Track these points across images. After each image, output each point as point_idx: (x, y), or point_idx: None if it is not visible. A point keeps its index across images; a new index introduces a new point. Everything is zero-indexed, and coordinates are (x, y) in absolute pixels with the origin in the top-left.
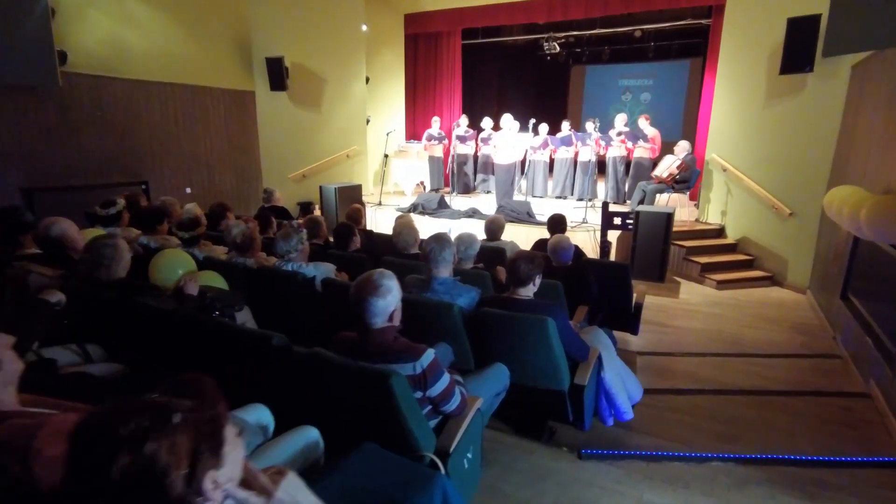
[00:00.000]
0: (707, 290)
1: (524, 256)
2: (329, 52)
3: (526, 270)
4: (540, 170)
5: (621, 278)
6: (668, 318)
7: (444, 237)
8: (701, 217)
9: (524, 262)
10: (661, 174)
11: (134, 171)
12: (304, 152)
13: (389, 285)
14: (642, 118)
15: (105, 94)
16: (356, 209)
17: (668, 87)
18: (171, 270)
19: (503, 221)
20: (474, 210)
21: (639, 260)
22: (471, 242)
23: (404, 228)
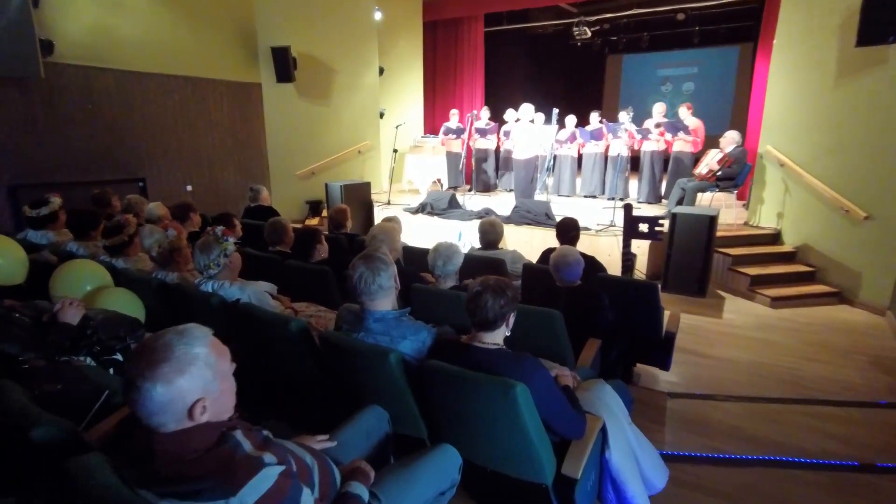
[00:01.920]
0: (758, 309)
1: (492, 286)
2: (339, 41)
3: (493, 307)
4: (567, 166)
5: (648, 301)
6: (708, 344)
7: (376, 258)
8: (751, 220)
9: (492, 295)
10: (703, 170)
11: (129, 167)
12: (312, 148)
13: (188, 356)
14: (683, 107)
15: (95, 86)
16: (340, 210)
17: (714, 75)
18: (75, 286)
19: (501, 226)
20: (487, 210)
21: (674, 271)
22: (449, 255)
23: (379, 234)
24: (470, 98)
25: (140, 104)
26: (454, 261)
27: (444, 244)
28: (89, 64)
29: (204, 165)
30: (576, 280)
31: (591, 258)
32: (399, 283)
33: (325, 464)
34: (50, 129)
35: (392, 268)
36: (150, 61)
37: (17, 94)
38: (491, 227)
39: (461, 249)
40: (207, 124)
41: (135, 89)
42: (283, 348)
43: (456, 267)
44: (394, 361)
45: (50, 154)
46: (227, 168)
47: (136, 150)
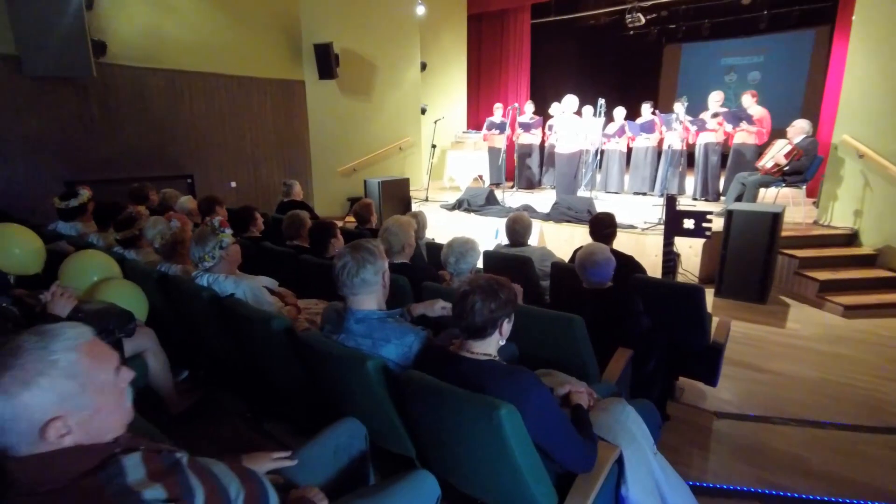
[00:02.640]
0: (828, 318)
1: (482, 286)
2: (381, 36)
3: (482, 311)
4: (615, 161)
5: (692, 307)
6: (767, 357)
7: (364, 247)
8: (822, 218)
9: (481, 297)
10: (767, 164)
11: (177, 164)
12: (354, 144)
13: (41, 364)
14: (747, 94)
15: (146, 86)
16: (364, 205)
17: (784, 63)
18: (82, 276)
19: (528, 220)
20: (526, 207)
21: (730, 273)
22: (463, 252)
23: (392, 226)
24: (515, 92)
25: (188, 103)
26: (468, 258)
27: (460, 239)
28: (140, 64)
29: (248, 162)
30: (605, 282)
31: (628, 258)
32: (388, 281)
33: (258, 491)
34: (104, 128)
35: (381, 263)
36: (198, 61)
37: (72, 94)
38: (517, 223)
39: (478, 246)
40: (252, 122)
41: (183, 88)
42: (269, 349)
43: (471, 265)
44: (372, 369)
45: (104, 151)
46: (271, 165)
47: (184, 148)
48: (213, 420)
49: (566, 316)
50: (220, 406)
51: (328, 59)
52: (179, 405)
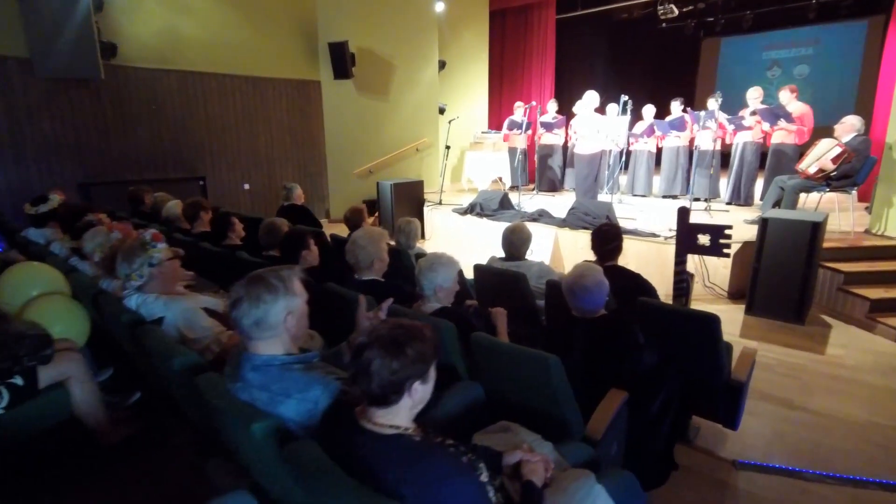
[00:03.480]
0: (879, 344)
1: (383, 337)
2: (398, 34)
3: (380, 372)
4: (643, 162)
5: (706, 339)
6: (803, 391)
7: (263, 280)
8: (875, 227)
9: (380, 352)
10: (810, 169)
11: (190, 165)
12: (370, 145)
13: None
14: (786, 90)
15: (160, 87)
16: (355, 211)
17: (833, 56)
18: (20, 290)
19: (526, 232)
20: (542, 212)
21: (764, 288)
22: (433, 267)
23: (359, 239)
24: (539, 90)
25: (202, 104)
26: (440, 274)
27: (432, 254)
28: (154, 66)
29: (262, 164)
30: (597, 309)
31: (635, 277)
32: (304, 321)
33: None
34: (118, 129)
35: (287, 300)
36: (213, 62)
37: (85, 96)
38: (513, 234)
39: (453, 263)
40: (266, 123)
41: (197, 89)
42: (175, 388)
43: (445, 283)
44: (259, 434)
45: (118, 153)
46: (286, 167)
47: (198, 149)
48: (153, 455)
49: (540, 356)
50: (165, 438)
51: (343, 58)
52: (113, 436)
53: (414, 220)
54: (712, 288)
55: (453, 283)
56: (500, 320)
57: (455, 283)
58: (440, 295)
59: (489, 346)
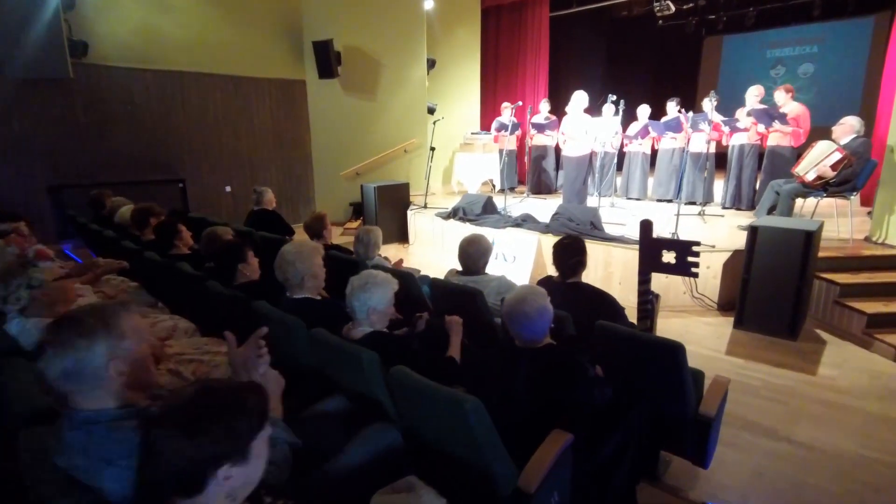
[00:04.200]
0: (876, 363)
1: (178, 411)
2: (386, 32)
3: (173, 458)
4: (637, 164)
5: (668, 369)
6: (789, 418)
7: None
8: (876, 235)
9: (172, 431)
10: (809, 175)
11: (169, 168)
12: (357, 147)
13: None
14: (781, 90)
15: (136, 87)
16: (316, 218)
17: (839, 54)
18: None
19: (485, 244)
20: (526, 217)
21: (754, 301)
22: (365, 286)
23: (288, 253)
24: (533, 91)
25: (181, 104)
26: (374, 295)
27: (366, 273)
28: (130, 65)
29: (245, 166)
30: (540, 338)
31: (600, 296)
32: (123, 367)
33: None
34: (92, 130)
35: (109, 342)
36: (192, 60)
37: (57, 96)
38: (470, 245)
39: (388, 282)
40: (249, 124)
41: (175, 89)
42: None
43: (379, 304)
44: None
45: (92, 154)
46: (269, 169)
47: (177, 151)
48: None
49: (455, 398)
50: None
51: (328, 57)
52: None
53: (375, 228)
54: (701, 299)
55: (388, 306)
56: (455, 331)
57: (390, 306)
58: (373, 318)
59: (404, 382)
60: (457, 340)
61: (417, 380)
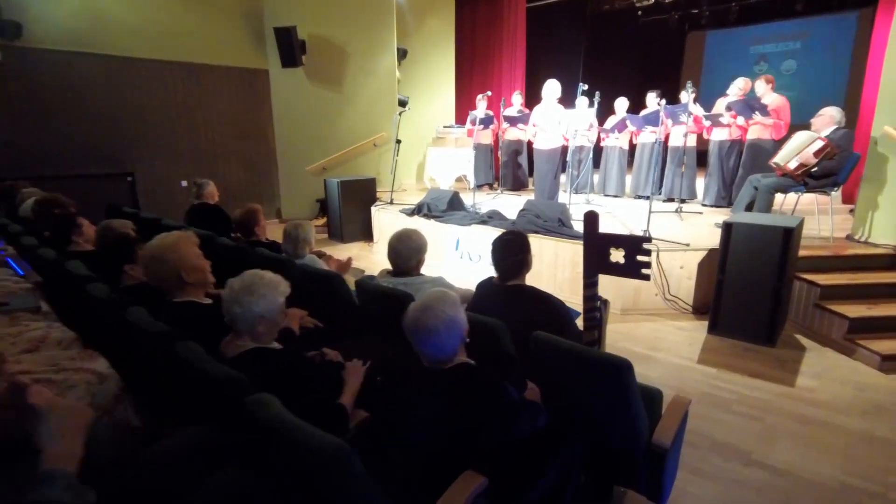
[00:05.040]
0: (859, 373)
1: None
2: (352, 20)
3: None
4: (615, 160)
5: (614, 391)
6: (764, 438)
7: None
8: (858, 233)
9: None
10: (790, 164)
11: (117, 161)
12: (324, 140)
13: None
14: (761, 80)
15: (79, 73)
16: (248, 212)
17: (823, 50)
18: None
19: (417, 241)
20: (493, 214)
21: (729, 304)
22: (252, 288)
23: (153, 250)
24: (510, 83)
25: (130, 93)
26: (263, 300)
27: (250, 273)
28: (72, 49)
29: (203, 159)
30: (448, 357)
31: (544, 300)
32: None
33: None
34: (29, 119)
35: None
36: (142, 46)
37: None
38: (400, 242)
39: (275, 285)
40: (207, 114)
41: (123, 76)
42: None
43: (268, 312)
44: None
45: (28, 145)
46: (230, 162)
47: (127, 143)
48: None
49: (320, 441)
50: None
51: (291, 44)
52: None
53: (305, 223)
54: (674, 301)
55: (278, 313)
56: (353, 379)
57: (280, 313)
58: (260, 329)
59: (259, 415)
60: (353, 390)
61: (276, 415)
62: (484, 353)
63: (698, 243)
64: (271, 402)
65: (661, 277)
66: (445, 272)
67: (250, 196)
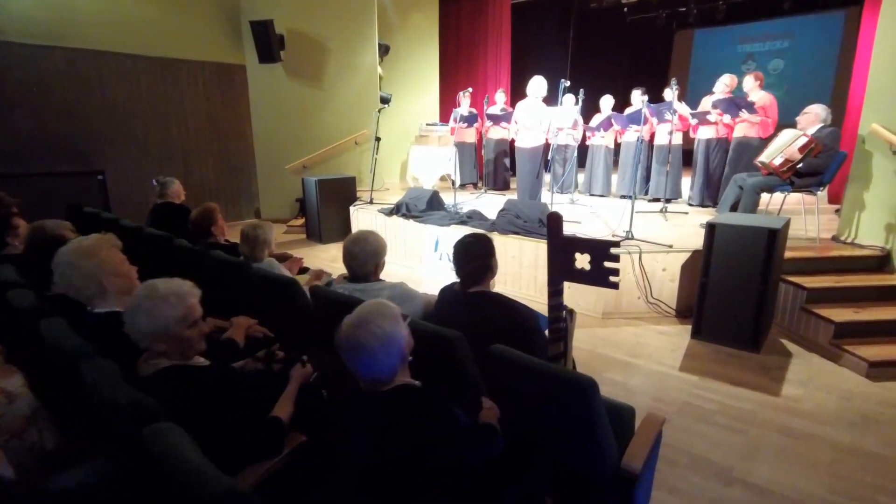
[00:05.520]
0: (846, 379)
1: None
2: (332, 14)
3: None
4: (601, 158)
5: (578, 411)
6: (747, 453)
7: None
8: (844, 234)
9: None
10: (775, 160)
11: (85, 158)
12: (304, 138)
13: None
14: (750, 76)
15: (44, 66)
16: (205, 211)
17: (810, 49)
18: None
19: (374, 243)
20: (473, 214)
21: (712, 308)
22: (151, 298)
23: (67, 256)
24: (495, 81)
25: (99, 87)
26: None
27: (148, 283)
28: (35, 42)
29: (177, 157)
30: (386, 377)
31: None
32: None
33: None
34: None
35: None
36: (112, 39)
37: None
38: (356, 245)
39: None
40: (180, 111)
41: (92, 71)
42: None
43: (160, 328)
44: None
45: None
46: (206, 161)
47: (95, 140)
48: None
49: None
50: None
51: (268, 39)
52: None
53: (264, 224)
54: (656, 304)
55: (181, 327)
56: (293, 383)
57: (185, 326)
58: (160, 346)
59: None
60: (293, 390)
61: (170, 450)
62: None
63: (682, 244)
64: (170, 432)
65: (644, 280)
66: (424, 273)
67: (228, 196)
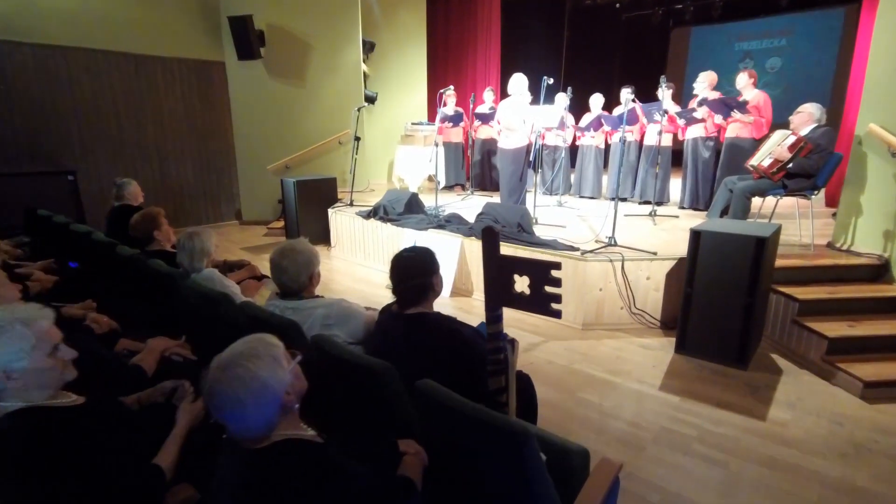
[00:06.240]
0: (838, 401)
1: None
2: (314, 10)
3: None
4: (591, 159)
5: (511, 461)
6: (725, 491)
7: None
8: (839, 241)
9: None
10: (764, 161)
11: (55, 159)
12: (286, 137)
13: None
14: (744, 73)
15: (9, 63)
16: (146, 217)
17: (808, 48)
18: None
19: (306, 254)
20: (452, 217)
21: (697, 321)
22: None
23: None
24: (484, 80)
25: (68, 85)
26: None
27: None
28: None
29: (152, 157)
30: (259, 432)
31: (453, 335)
32: None
33: None
34: None
35: None
36: (81, 35)
37: None
38: (284, 257)
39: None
40: (157, 109)
41: (61, 68)
42: None
43: (29, 363)
44: None
45: None
46: (184, 161)
47: (65, 139)
48: None
49: None
50: None
51: (247, 35)
52: None
53: (201, 232)
54: (640, 315)
55: (38, 361)
56: (181, 422)
57: (45, 358)
58: (13, 385)
59: None
60: (179, 433)
61: None
62: (371, 401)
63: (668, 251)
64: None
65: (627, 289)
66: None
67: (207, 197)
